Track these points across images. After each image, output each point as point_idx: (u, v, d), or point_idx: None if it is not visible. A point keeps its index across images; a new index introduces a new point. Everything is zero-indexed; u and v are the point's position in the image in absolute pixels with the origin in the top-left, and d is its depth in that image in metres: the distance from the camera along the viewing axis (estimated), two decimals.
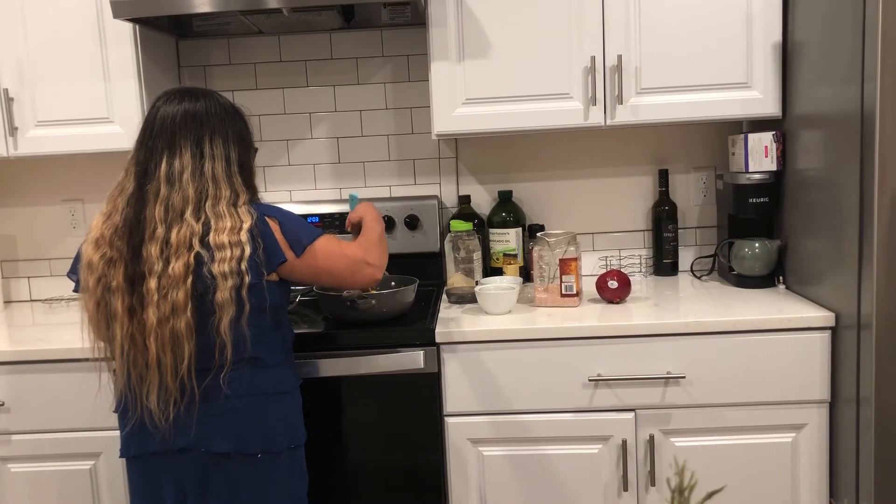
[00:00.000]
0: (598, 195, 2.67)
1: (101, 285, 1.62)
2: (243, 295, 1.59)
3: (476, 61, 2.27)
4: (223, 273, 1.57)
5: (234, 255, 1.58)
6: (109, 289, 1.61)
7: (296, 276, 1.73)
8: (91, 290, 1.63)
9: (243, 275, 1.59)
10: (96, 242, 1.64)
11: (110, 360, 1.67)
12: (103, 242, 1.63)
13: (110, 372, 1.69)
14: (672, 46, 2.23)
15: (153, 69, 2.39)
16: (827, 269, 2.04)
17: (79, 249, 1.70)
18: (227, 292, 1.57)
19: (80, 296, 1.68)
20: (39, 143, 2.33)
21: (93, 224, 1.68)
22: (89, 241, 1.65)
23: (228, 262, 1.57)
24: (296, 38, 2.63)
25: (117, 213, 1.64)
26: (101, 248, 1.63)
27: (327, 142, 2.68)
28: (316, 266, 1.73)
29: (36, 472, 2.13)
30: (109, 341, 1.65)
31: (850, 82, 1.85)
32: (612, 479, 2.09)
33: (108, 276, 1.62)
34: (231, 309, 1.58)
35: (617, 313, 2.14)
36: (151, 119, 1.67)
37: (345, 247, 1.80)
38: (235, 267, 1.58)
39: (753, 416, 2.05)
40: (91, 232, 1.66)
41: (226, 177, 1.65)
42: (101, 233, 1.64)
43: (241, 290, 1.59)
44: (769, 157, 2.26)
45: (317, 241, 1.73)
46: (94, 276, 1.63)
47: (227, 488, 1.68)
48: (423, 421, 2.08)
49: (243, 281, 1.59)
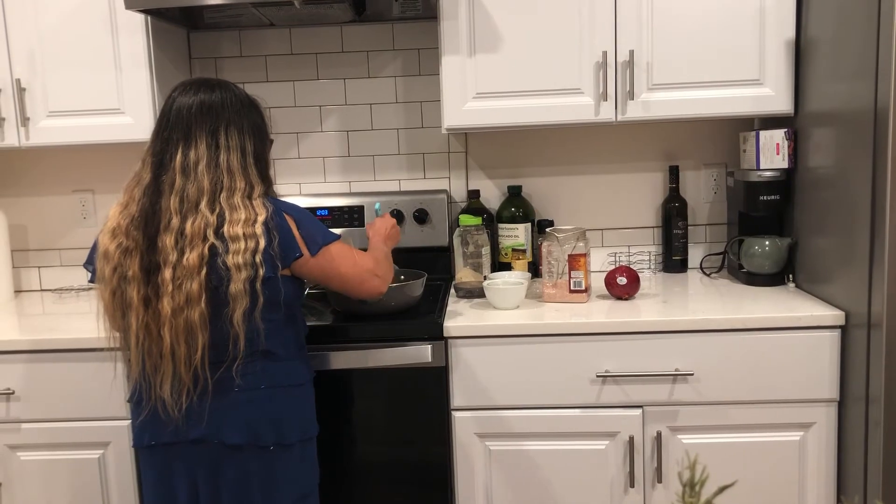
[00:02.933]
0: (608, 191, 2.66)
1: (118, 274, 1.63)
2: (257, 287, 1.60)
3: (487, 55, 2.26)
4: (237, 265, 1.58)
5: (249, 248, 1.59)
6: (125, 278, 1.62)
7: (306, 274, 1.74)
8: (107, 279, 1.64)
9: (258, 267, 1.59)
10: (113, 232, 1.65)
11: (125, 349, 1.67)
12: (120, 232, 1.64)
13: (125, 362, 1.70)
14: (684, 42, 2.22)
15: (164, 61, 2.39)
16: (837, 268, 2.03)
17: (95, 240, 1.71)
18: (241, 284, 1.58)
19: (95, 285, 1.69)
20: (51, 134, 2.34)
21: (110, 214, 1.69)
22: (106, 230, 1.66)
23: (242, 255, 1.58)
24: (307, 31, 2.63)
25: (134, 203, 1.65)
26: (118, 238, 1.64)
27: (337, 135, 2.68)
28: (328, 268, 1.75)
29: (45, 460, 2.14)
30: (125, 331, 1.65)
31: (863, 79, 1.84)
32: (618, 475, 2.09)
33: (124, 266, 1.62)
34: (245, 301, 1.59)
35: (625, 310, 2.14)
36: (167, 110, 1.68)
37: (358, 255, 1.83)
38: (250, 259, 1.59)
39: (761, 414, 2.05)
40: (108, 222, 1.67)
41: (241, 168, 1.66)
42: (118, 223, 1.65)
43: (255, 282, 1.60)
44: (780, 155, 2.25)
45: (332, 244, 1.75)
46: (111, 266, 1.63)
47: (238, 480, 1.68)
48: (431, 415, 2.08)
49: (257, 273, 1.59)
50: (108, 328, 1.69)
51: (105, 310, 1.67)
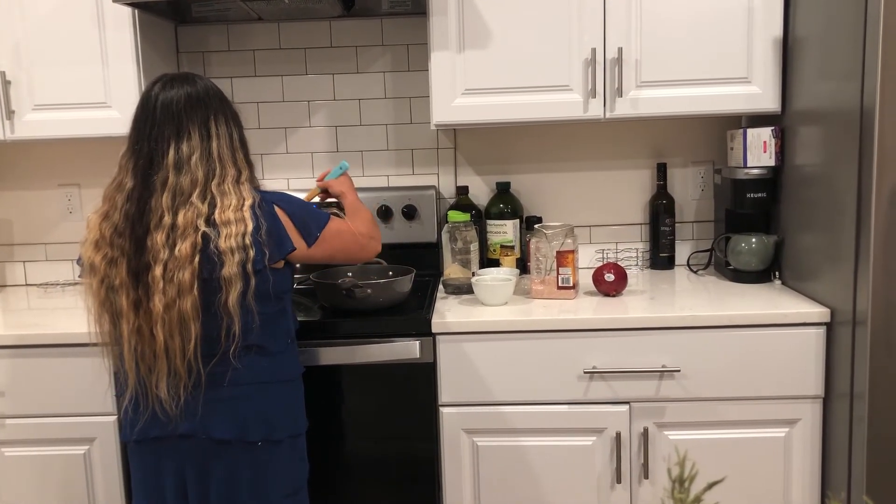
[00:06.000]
0: (596, 188, 2.66)
1: (105, 286, 1.62)
2: (248, 269, 1.60)
3: (476, 51, 2.26)
4: (230, 248, 1.58)
5: (239, 231, 1.59)
6: (113, 288, 1.61)
7: (307, 260, 1.78)
8: (95, 291, 1.63)
9: (248, 249, 1.59)
10: (96, 244, 1.63)
11: (117, 357, 1.65)
12: (104, 243, 1.62)
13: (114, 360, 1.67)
14: (673, 40, 2.23)
15: (152, 54, 2.38)
16: (823, 265, 2.04)
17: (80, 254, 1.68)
18: (234, 267, 1.58)
19: (84, 296, 1.67)
20: (36, 127, 2.32)
21: (90, 225, 1.66)
22: (89, 242, 1.64)
23: (234, 238, 1.58)
24: (295, 26, 2.62)
25: (116, 211, 1.63)
26: (102, 250, 1.62)
27: (326, 130, 2.67)
28: (331, 248, 1.81)
29: (30, 456, 2.13)
30: (116, 340, 1.64)
31: (850, 78, 1.85)
32: (605, 471, 2.10)
33: (110, 277, 1.61)
34: (238, 284, 1.59)
35: (613, 306, 2.14)
36: (152, 108, 1.65)
37: (352, 226, 1.88)
38: (241, 242, 1.59)
39: (747, 411, 2.06)
40: (89, 233, 1.65)
41: (230, 154, 1.66)
42: (101, 233, 1.63)
43: (246, 264, 1.59)
44: (768, 153, 2.26)
45: (326, 226, 1.78)
46: (97, 278, 1.62)
47: (227, 475, 1.68)
48: (419, 410, 2.09)
49: (248, 255, 1.59)
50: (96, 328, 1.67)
51: (95, 321, 1.66)
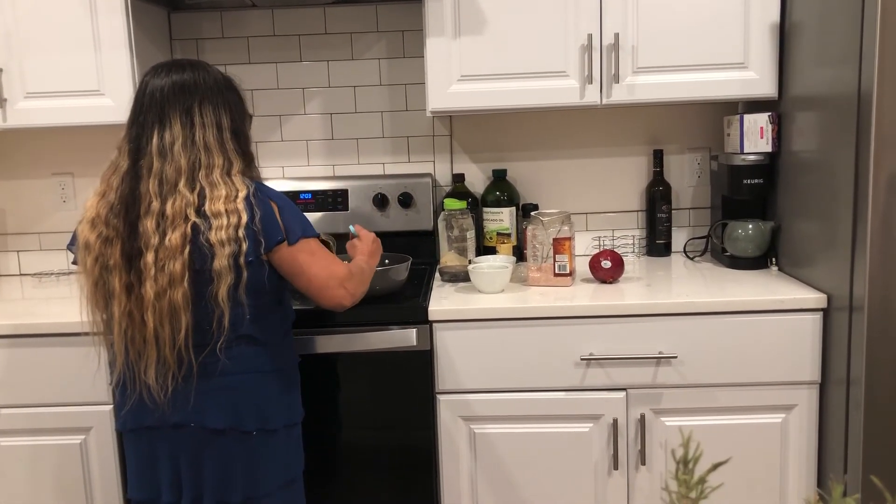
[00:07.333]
0: (593, 175, 2.66)
1: (99, 265, 1.61)
2: (241, 262, 1.58)
3: (472, 38, 2.25)
4: (221, 241, 1.56)
5: (231, 223, 1.57)
6: (107, 267, 1.61)
7: (278, 263, 1.67)
8: (89, 270, 1.63)
9: (241, 242, 1.58)
10: (92, 222, 1.63)
11: (107, 335, 1.65)
12: (99, 222, 1.62)
13: (108, 348, 1.67)
14: (669, 26, 2.22)
15: (145, 42, 2.36)
16: (820, 251, 2.04)
17: (75, 230, 1.68)
18: (226, 260, 1.57)
19: (77, 276, 1.67)
20: (29, 116, 2.30)
21: (87, 205, 1.66)
22: (85, 221, 1.64)
23: (226, 230, 1.57)
24: (289, 12, 2.59)
25: (112, 191, 1.63)
26: (98, 228, 1.62)
27: (321, 118, 2.66)
28: (299, 261, 1.67)
29: (26, 446, 2.12)
30: (107, 321, 1.64)
31: (847, 64, 1.84)
32: (602, 457, 2.10)
33: (105, 256, 1.61)
34: (229, 276, 1.57)
35: (609, 293, 2.14)
36: (141, 95, 1.66)
37: (332, 260, 1.74)
38: (233, 234, 1.57)
39: (744, 397, 2.06)
40: (86, 212, 1.65)
41: (218, 144, 1.63)
42: (97, 212, 1.63)
43: (238, 257, 1.58)
44: (764, 139, 2.25)
45: (311, 238, 1.70)
46: (92, 256, 1.62)
47: (221, 464, 1.68)
48: (416, 398, 2.08)
49: (241, 248, 1.58)
50: (90, 314, 1.67)
51: (88, 300, 1.65)
